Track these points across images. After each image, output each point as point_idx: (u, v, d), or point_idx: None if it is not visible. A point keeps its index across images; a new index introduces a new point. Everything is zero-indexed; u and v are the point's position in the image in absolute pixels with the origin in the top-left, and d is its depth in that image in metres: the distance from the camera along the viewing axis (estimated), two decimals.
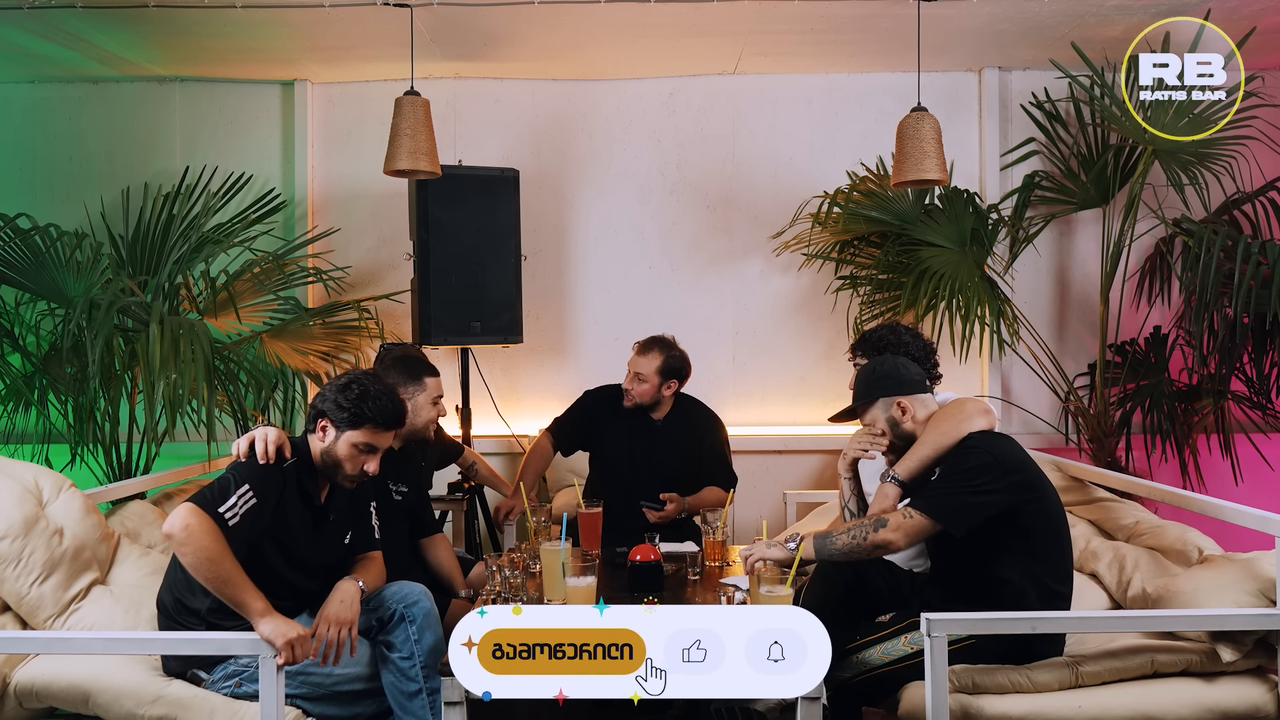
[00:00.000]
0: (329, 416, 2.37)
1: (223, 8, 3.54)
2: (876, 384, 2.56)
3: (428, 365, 3.03)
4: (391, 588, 2.45)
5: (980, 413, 2.49)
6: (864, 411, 2.59)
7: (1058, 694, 2.37)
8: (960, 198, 4.15)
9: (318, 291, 4.40)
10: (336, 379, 2.45)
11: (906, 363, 2.64)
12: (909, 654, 2.40)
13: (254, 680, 2.25)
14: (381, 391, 2.40)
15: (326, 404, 2.38)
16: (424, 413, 2.97)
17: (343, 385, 2.39)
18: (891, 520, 2.34)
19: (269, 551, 2.33)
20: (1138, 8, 3.66)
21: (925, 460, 2.47)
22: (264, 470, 2.30)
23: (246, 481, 2.25)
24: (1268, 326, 3.60)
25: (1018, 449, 2.49)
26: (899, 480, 2.49)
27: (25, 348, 3.82)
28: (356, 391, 2.36)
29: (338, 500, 2.49)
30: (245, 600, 2.15)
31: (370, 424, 2.36)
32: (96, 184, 4.39)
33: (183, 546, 2.14)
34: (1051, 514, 2.44)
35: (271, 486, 2.30)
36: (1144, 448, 4.06)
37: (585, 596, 2.34)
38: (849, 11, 3.72)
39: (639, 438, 3.56)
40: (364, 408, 2.35)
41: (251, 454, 2.32)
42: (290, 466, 2.37)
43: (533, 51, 4.17)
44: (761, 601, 2.25)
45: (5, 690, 2.38)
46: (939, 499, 2.35)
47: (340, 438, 2.37)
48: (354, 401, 2.35)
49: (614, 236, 4.54)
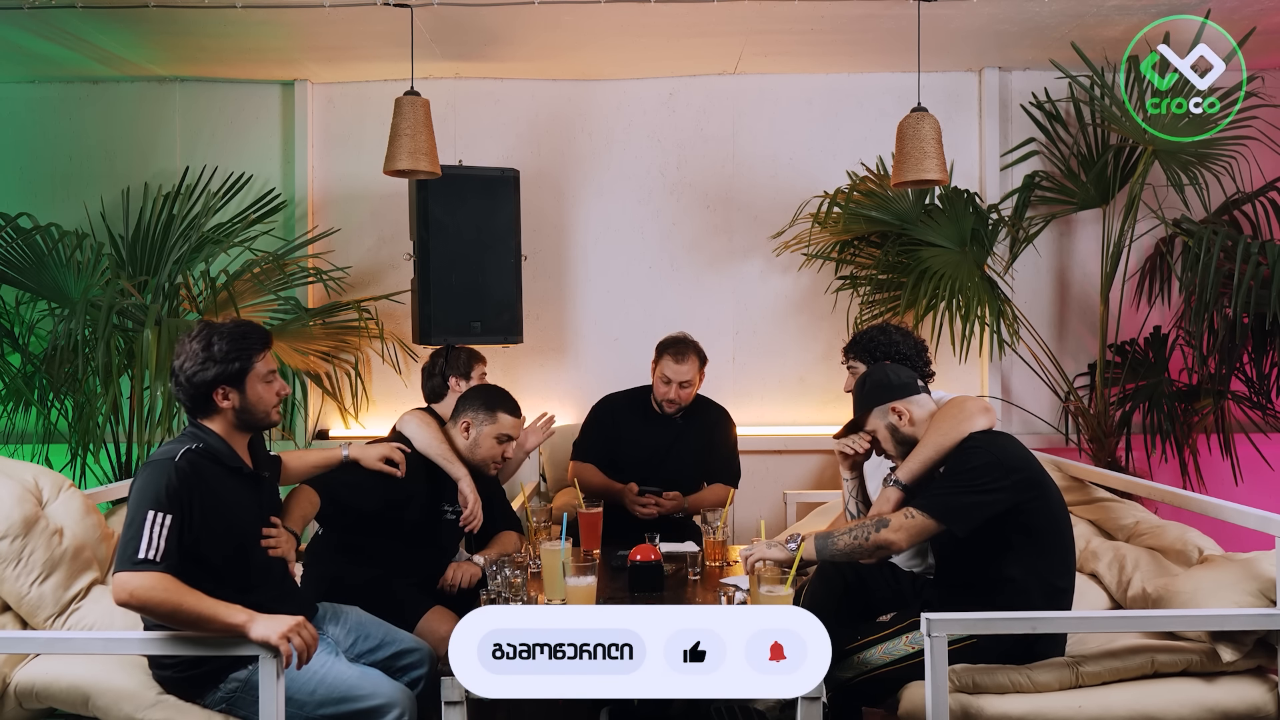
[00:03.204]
0: (226, 379, 2.23)
1: (223, 8, 3.54)
2: (868, 395, 2.57)
3: (509, 404, 2.96)
4: (401, 655, 2.47)
5: (981, 411, 2.49)
6: (864, 423, 2.61)
7: (1058, 694, 2.37)
8: (960, 198, 4.15)
9: (318, 291, 4.41)
10: (194, 346, 2.25)
11: (895, 367, 2.64)
12: (910, 654, 2.40)
13: (243, 705, 2.24)
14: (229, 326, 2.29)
15: (218, 371, 2.22)
16: (485, 445, 2.90)
17: (211, 340, 2.23)
18: (894, 521, 2.34)
19: (225, 543, 2.21)
20: (1138, 8, 3.66)
21: (927, 462, 2.47)
22: (159, 480, 2.12)
23: (149, 508, 2.08)
24: (1268, 326, 3.60)
25: (1019, 447, 2.49)
26: (901, 484, 2.49)
27: (25, 348, 3.82)
28: (235, 331, 2.26)
29: (260, 458, 2.39)
30: (223, 619, 2.05)
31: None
32: (96, 184, 4.39)
33: (144, 614, 2.10)
34: (1054, 511, 2.44)
35: (180, 490, 2.12)
36: (1144, 448, 4.06)
37: (585, 596, 2.34)
38: (849, 11, 3.72)
39: (662, 436, 3.56)
40: (254, 336, 2.27)
41: (145, 469, 2.16)
42: (187, 455, 2.18)
43: (533, 51, 4.17)
44: (761, 601, 2.25)
45: (5, 690, 2.37)
46: (941, 499, 2.35)
47: (248, 384, 2.26)
48: (240, 337, 2.25)
49: (614, 236, 4.54)
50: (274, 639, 2.04)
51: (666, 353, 3.51)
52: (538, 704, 2.22)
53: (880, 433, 2.57)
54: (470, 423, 2.91)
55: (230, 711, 2.27)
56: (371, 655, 2.45)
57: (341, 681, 2.24)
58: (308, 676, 2.23)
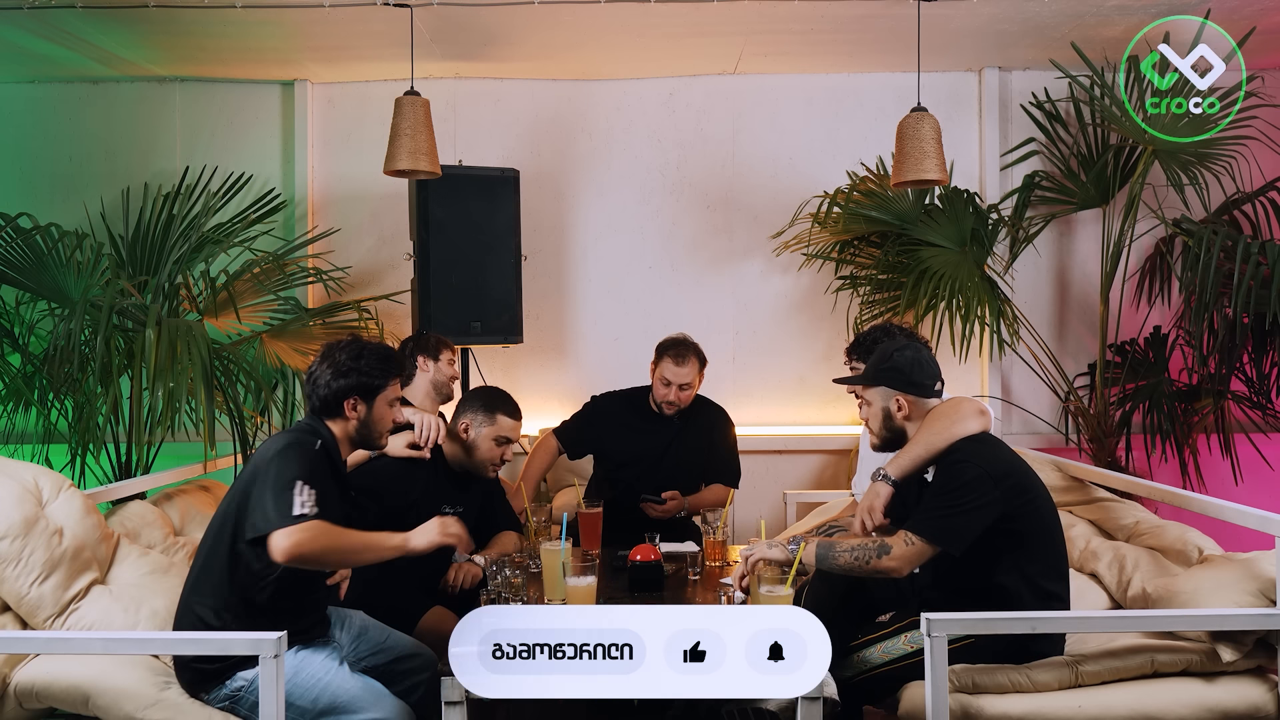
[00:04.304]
0: (359, 391, 2.41)
1: (223, 8, 3.54)
2: (886, 373, 2.52)
3: (509, 406, 3.01)
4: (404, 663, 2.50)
5: (975, 414, 2.47)
6: (865, 390, 2.58)
7: (1058, 694, 2.37)
8: (960, 198, 4.15)
9: (318, 291, 4.41)
10: (335, 355, 2.44)
11: (928, 363, 2.56)
12: (909, 653, 2.41)
13: (245, 705, 2.27)
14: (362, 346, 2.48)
15: (353, 381, 2.42)
16: (483, 446, 2.94)
17: (355, 355, 2.43)
18: (895, 549, 2.33)
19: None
20: (1138, 8, 3.66)
21: (918, 460, 2.46)
22: (307, 460, 2.29)
23: (298, 479, 2.22)
24: (1268, 326, 3.60)
25: (1006, 451, 2.49)
26: (891, 479, 2.49)
27: (25, 348, 3.82)
28: (375, 352, 2.46)
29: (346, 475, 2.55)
30: (383, 545, 2.27)
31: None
32: (96, 184, 4.39)
33: (306, 562, 2.19)
34: (1043, 513, 2.45)
35: (315, 475, 2.28)
36: (1144, 448, 4.06)
37: (585, 596, 2.34)
38: (849, 11, 3.72)
39: (661, 437, 3.56)
40: (389, 362, 2.46)
41: (288, 449, 2.31)
42: (321, 447, 2.38)
43: (532, 51, 4.17)
44: (762, 602, 2.25)
45: (5, 691, 2.38)
46: (935, 522, 2.34)
47: (376, 402, 2.44)
48: (380, 360, 2.45)
49: (614, 236, 4.54)
50: (436, 539, 2.30)
51: (666, 355, 3.50)
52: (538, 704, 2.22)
53: (873, 408, 2.54)
54: (469, 424, 2.92)
55: (233, 710, 2.29)
56: (373, 659, 2.46)
57: (344, 692, 2.27)
58: (311, 683, 2.26)
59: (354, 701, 2.26)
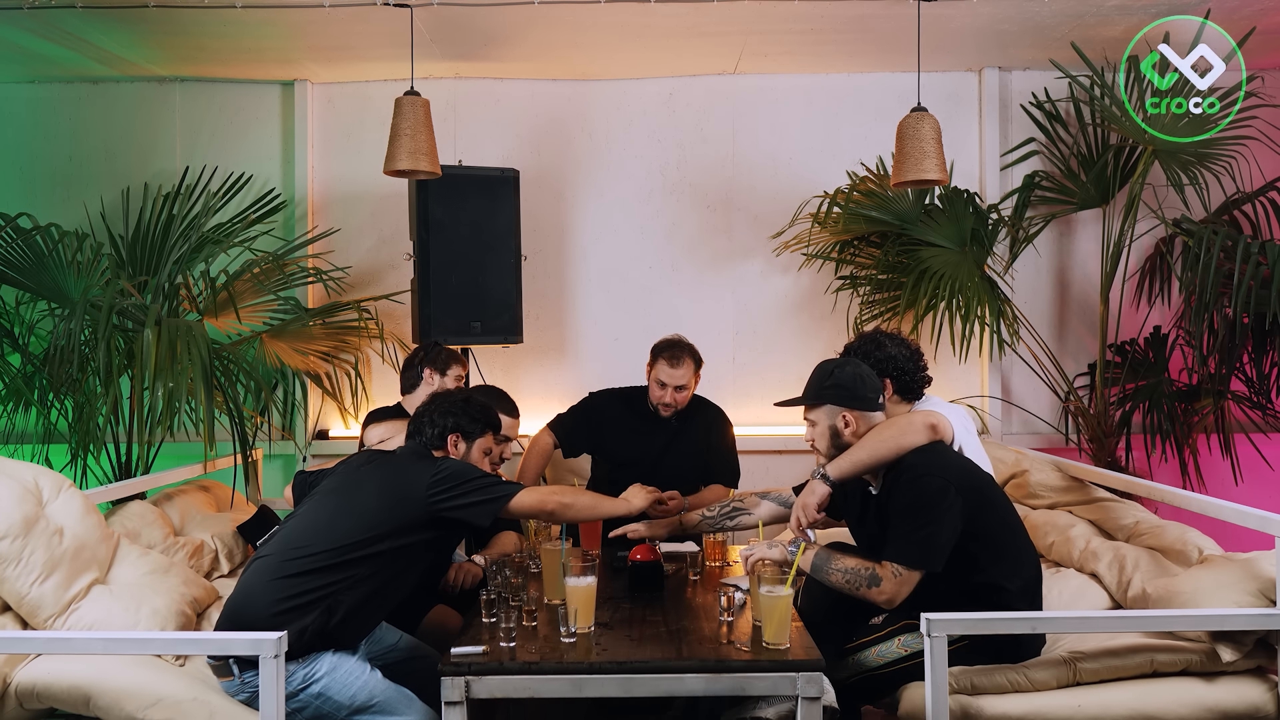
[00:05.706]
0: (461, 430, 2.60)
1: (223, 8, 3.54)
2: (829, 391, 2.53)
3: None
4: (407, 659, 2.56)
5: (925, 427, 2.47)
6: (810, 410, 2.58)
7: (1057, 693, 2.38)
8: (960, 198, 4.15)
9: (318, 292, 4.40)
10: (446, 400, 2.65)
11: (869, 376, 2.57)
12: (903, 656, 2.42)
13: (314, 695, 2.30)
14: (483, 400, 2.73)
15: (458, 420, 2.61)
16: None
17: (463, 402, 2.64)
18: (885, 583, 2.34)
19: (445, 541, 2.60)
20: (1138, 8, 3.66)
21: (860, 465, 2.47)
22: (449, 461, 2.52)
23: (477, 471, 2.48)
24: (1268, 326, 3.60)
25: (955, 456, 2.51)
26: (829, 479, 2.49)
27: (25, 348, 3.82)
28: (479, 404, 2.66)
29: None
30: (608, 509, 2.73)
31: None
32: (96, 184, 4.39)
33: (566, 511, 2.57)
34: (1000, 509, 2.48)
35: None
36: (1144, 448, 4.06)
37: (585, 597, 2.34)
38: (849, 11, 3.72)
39: (656, 438, 3.56)
40: (489, 415, 2.66)
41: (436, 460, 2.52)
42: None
43: (532, 51, 4.17)
44: (762, 602, 2.25)
45: (6, 691, 2.38)
46: (913, 547, 2.34)
47: (473, 445, 2.62)
48: (481, 411, 2.64)
49: (614, 236, 4.54)
50: (648, 500, 2.80)
51: (661, 357, 3.50)
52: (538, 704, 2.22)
53: (819, 428, 2.55)
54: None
55: (250, 703, 2.30)
56: (383, 659, 2.49)
57: (379, 693, 2.33)
58: (349, 680, 2.30)
59: (387, 703, 2.32)
